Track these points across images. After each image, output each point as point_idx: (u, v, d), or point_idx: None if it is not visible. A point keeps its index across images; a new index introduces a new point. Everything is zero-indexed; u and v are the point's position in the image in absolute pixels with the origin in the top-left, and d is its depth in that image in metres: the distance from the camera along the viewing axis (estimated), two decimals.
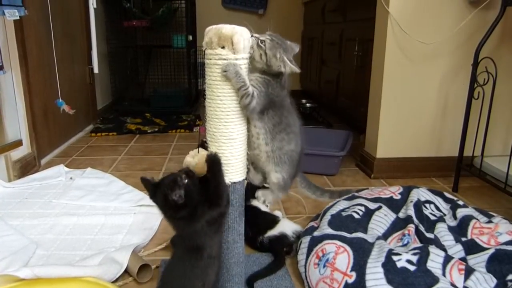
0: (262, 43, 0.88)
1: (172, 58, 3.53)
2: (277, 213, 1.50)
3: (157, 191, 0.86)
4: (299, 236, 1.25)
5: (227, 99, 0.88)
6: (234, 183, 0.94)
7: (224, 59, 0.85)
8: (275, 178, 0.97)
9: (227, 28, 0.83)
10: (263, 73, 0.91)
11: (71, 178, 1.88)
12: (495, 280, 1.01)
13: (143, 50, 3.72)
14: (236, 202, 0.96)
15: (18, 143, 1.86)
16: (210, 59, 0.87)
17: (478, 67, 1.69)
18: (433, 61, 1.88)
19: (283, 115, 0.94)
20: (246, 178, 0.98)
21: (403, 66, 1.87)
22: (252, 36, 0.88)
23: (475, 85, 1.70)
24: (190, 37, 3.24)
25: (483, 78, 1.68)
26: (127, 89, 3.53)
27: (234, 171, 0.93)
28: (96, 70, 2.62)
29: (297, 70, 0.90)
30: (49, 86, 2.24)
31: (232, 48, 0.84)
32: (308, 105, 3.34)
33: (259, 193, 1.02)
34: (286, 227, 1.28)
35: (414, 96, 1.92)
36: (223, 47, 0.84)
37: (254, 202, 1.36)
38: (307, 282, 1.10)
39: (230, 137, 0.90)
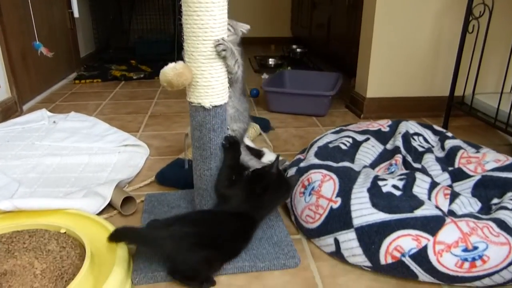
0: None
1: (157, 3, 3.39)
2: (265, 150, 1.48)
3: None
4: (285, 169, 1.23)
5: (205, 15, 0.82)
6: (215, 106, 0.90)
7: None
8: (237, 126, 1.03)
9: None
10: (237, 45, 0.96)
11: (54, 121, 1.83)
12: (479, 204, 1.01)
13: None
14: (218, 127, 0.93)
15: None
16: None
17: None
18: None
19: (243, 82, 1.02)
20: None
21: (395, 1, 1.79)
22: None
23: (470, 18, 1.64)
24: None
25: (478, 11, 1.62)
26: (111, 36, 3.40)
27: (215, 94, 0.89)
28: (76, 14, 2.51)
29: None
30: (25, 29, 2.14)
31: None
32: (298, 50, 3.26)
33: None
34: (271, 159, 1.26)
35: (407, 33, 1.85)
36: None
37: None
38: (293, 211, 1.09)
39: (209, 57, 0.85)
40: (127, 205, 1.15)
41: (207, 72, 0.87)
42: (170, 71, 0.85)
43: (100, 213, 1.12)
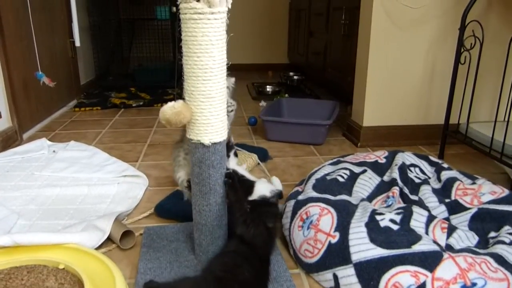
0: None
1: (157, 31, 3.46)
2: (263, 180, 1.49)
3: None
4: (279, 194, 1.23)
5: (204, 56, 0.85)
6: (215, 143, 0.92)
7: (200, 13, 0.81)
8: None
9: None
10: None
11: (54, 151, 1.85)
12: (477, 238, 1.02)
13: (126, 23, 3.63)
14: (217, 164, 0.94)
15: None
16: (186, 13, 0.83)
17: (465, 31, 1.67)
18: (420, 26, 1.85)
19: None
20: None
21: (390, 32, 1.84)
22: None
23: (462, 50, 1.69)
24: (174, 9, 3.16)
25: (470, 43, 1.66)
26: (111, 64, 3.46)
27: (214, 131, 0.91)
28: (77, 43, 2.55)
29: None
30: (28, 58, 2.18)
31: (207, 1, 0.80)
32: (295, 77, 3.31)
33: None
34: (263, 189, 1.25)
35: (401, 63, 1.90)
36: (198, 0, 0.81)
37: (231, 165, 1.35)
38: (291, 245, 1.09)
39: (208, 96, 0.88)
40: (125, 238, 1.15)
41: (207, 111, 0.89)
42: (169, 109, 0.88)
43: (98, 247, 1.12)
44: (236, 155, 1.38)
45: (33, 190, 1.47)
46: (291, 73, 3.43)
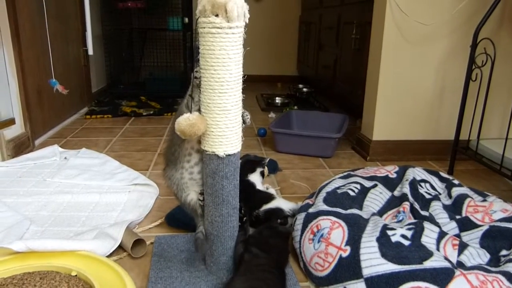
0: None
1: (168, 42, 3.50)
2: (270, 189, 1.51)
3: None
4: (295, 214, 1.24)
5: (221, 69, 0.86)
6: (229, 155, 0.93)
7: (218, 28, 0.83)
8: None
9: None
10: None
11: (65, 158, 1.87)
12: (488, 256, 1.02)
13: (138, 33, 3.68)
14: (230, 175, 0.95)
15: (11, 121, 1.85)
16: (204, 27, 0.85)
17: (477, 48, 1.68)
18: (431, 42, 1.86)
19: None
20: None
21: (401, 48, 1.86)
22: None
23: (473, 67, 1.69)
24: (186, 20, 3.20)
25: (481, 60, 1.67)
26: (122, 72, 3.50)
27: (229, 143, 0.92)
28: (90, 52, 2.58)
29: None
30: (42, 66, 2.21)
31: (225, 16, 0.82)
32: (304, 89, 3.33)
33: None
34: (282, 204, 1.27)
35: (412, 78, 1.91)
36: (216, 15, 0.83)
37: (251, 178, 1.36)
38: (302, 258, 1.10)
39: (224, 108, 0.89)
40: (137, 247, 1.15)
41: (222, 123, 0.90)
42: (183, 121, 0.89)
43: (110, 255, 1.13)
44: (263, 175, 1.41)
45: (45, 197, 1.48)
46: (300, 85, 3.45)
